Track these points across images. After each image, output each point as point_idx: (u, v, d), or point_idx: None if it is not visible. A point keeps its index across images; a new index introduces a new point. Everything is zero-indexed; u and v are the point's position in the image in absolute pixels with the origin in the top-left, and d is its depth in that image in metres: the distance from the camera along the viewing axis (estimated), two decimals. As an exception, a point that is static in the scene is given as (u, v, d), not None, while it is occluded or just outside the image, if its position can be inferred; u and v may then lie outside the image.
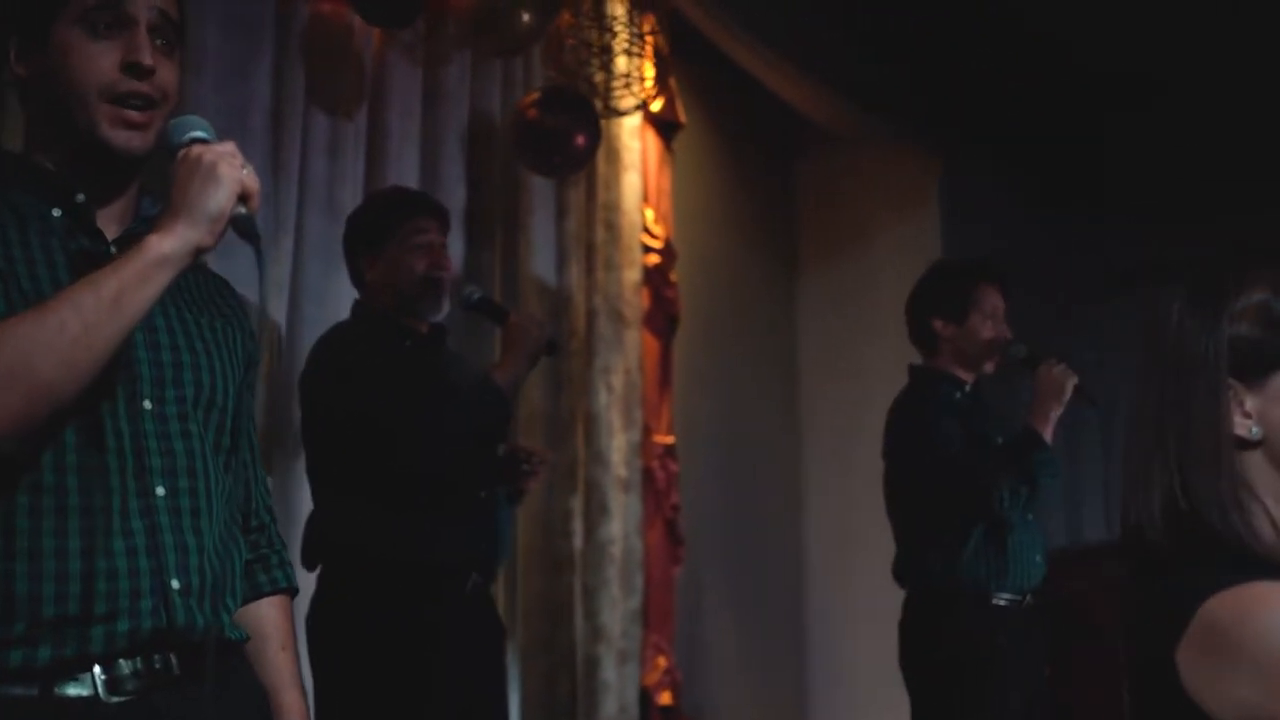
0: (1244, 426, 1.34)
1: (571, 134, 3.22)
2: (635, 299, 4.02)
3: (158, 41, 1.51)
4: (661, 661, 4.00)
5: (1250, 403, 1.35)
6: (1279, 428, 1.34)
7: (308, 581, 2.49)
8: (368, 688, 2.56)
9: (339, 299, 3.24)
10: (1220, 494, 1.33)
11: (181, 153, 1.43)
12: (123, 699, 1.40)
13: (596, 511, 3.84)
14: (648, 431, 4.06)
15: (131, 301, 1.37)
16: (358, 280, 2.83)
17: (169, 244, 1.38)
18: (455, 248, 3.41)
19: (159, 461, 1.47)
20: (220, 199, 1.40)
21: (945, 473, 3.18)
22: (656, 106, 4.12)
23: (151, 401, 1.49)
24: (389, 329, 2.74)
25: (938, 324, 3.40)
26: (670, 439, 4.16)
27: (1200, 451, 1.34)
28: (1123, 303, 6.18)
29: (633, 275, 4.02)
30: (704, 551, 4.46)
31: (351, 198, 3.27)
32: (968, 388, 3.41)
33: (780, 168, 5.32)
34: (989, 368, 3.45)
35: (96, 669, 1.40)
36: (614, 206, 3.99)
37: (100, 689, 1.40)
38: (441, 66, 3.54)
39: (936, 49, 4.96)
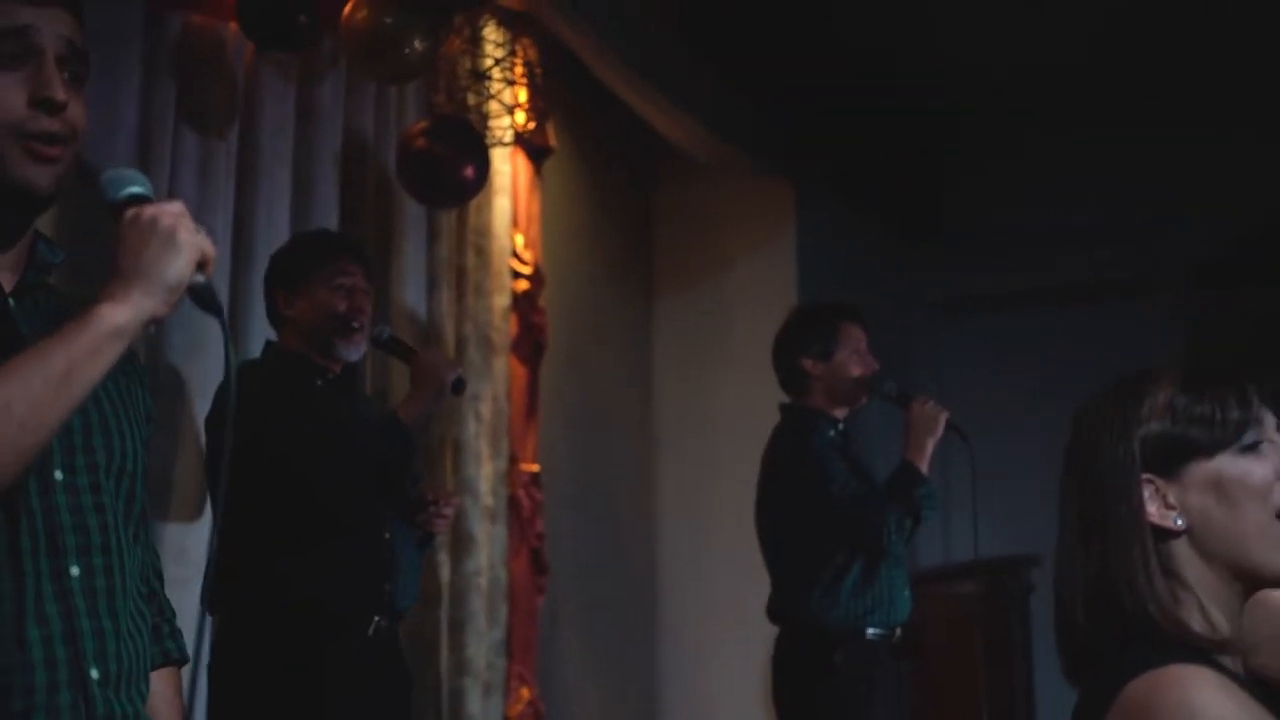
0: (1167, 518, 1.37)
1: (460, 165, 3.12)
2: (504, 325, 3.92)
3: (65, 74, 1.38)
4: (525, 693, 3.90)
5: (1172, 495, 1.38)
6: (1199, 515, 1.36)
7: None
8: None
9: (205, 326, 3.07)
10: (1140, 587, 1.34)
11: (130, 213, 1.29)
12: None
13: (464, 542, 3.72)
14: (514, 460, 3.95)
15: (81, 378, 1.23)
16: (274, 318, 2.74)
17: (123, 314, 1.25)
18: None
19: (73, 539, 1.34)
20: (180, 266, 1.27)
21: (836, 509, 3.21)
22: (527, 131, 4.04)
23: (63, 472, 1.35)
24: (300, 368, 2.67)
25: (807, 363, 3.45)
26: (535, 467, 4.07)
27: (1122, 548, 1.36)
28: (960, 331, 6.36)
29: (502, 301, 3.91)
30: (562, 580, 4.38)
31: (223, 221, 3.09)
32: (841, 425, 3.46)
33: (641, 195, 5.27)
34: (861, 402, 3.50)
35: None
36: (485, 231, 3.87)
37: None
38: (315, 85, 3.38)
39: (792, 83, 5.00)
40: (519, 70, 3.89)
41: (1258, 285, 5.84)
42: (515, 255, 4.00)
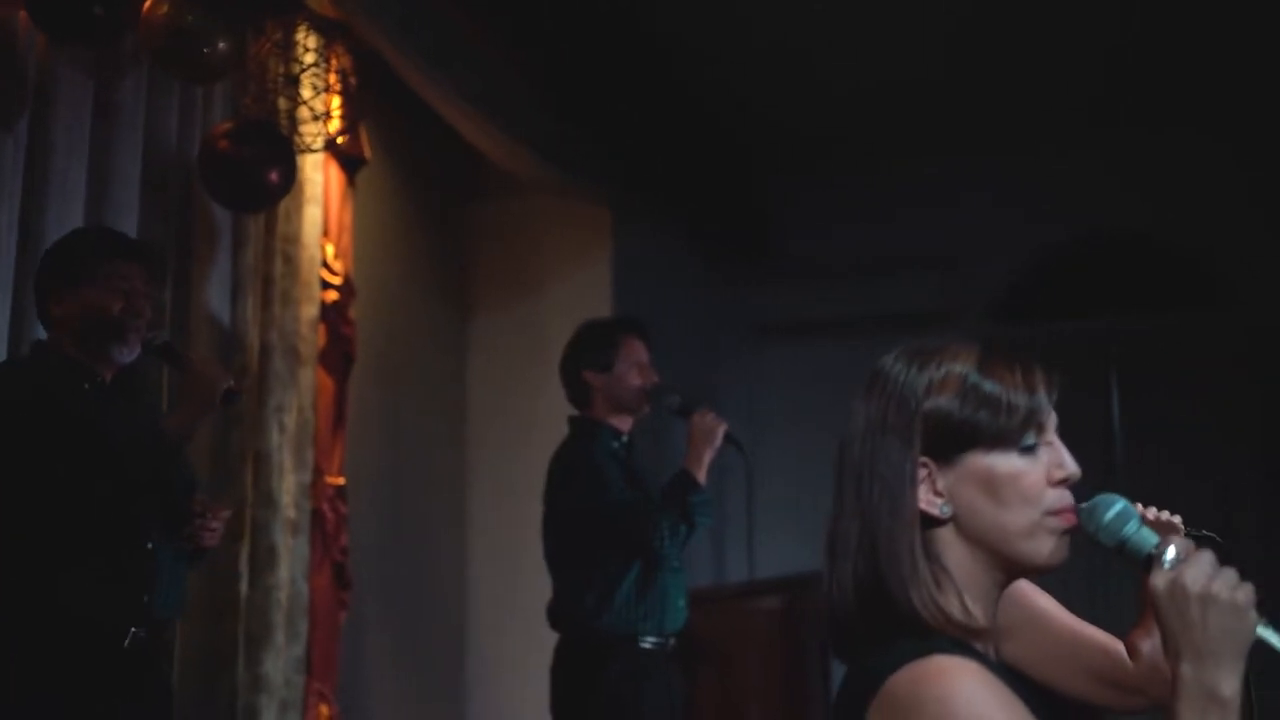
0: (934, 505, 1.33)
1: (265, 169, 2.98)
2: (312, 336, 3.77)
3: None
4: (324, 710, 3.75)
5: (942, 481, 1.33)
6: (967, 508, 1.33)
7: None
8: None
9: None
10: (904, 570, 1.30)
11: None
12: None
13: (264, 556, 3.56)
14: (319, 472, 3.81)
15: None
16: (44, 316, 2.58)
17: None
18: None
19: None
20: None
21: (610, 516, 3.25)
22: (341, 140, 3.91)
23: None
24: (68, 371, 2.51)
25: (588, 375, 3.53)
26: (341, 480, 3.93)
27: (889, 528, 1.31)
28: (774, 354, 6.42)
29: (310, 311, 3.77)
30: (369, 595, 4.24)
31: (7, 219, 2.89)
32: (625, 437, 3.53)
33: (458, 211, 5.18)
34: (645, 410, 3.57)
35: None
36: (294, 239, 3.73)
37: None
38: (116, 81, 3.19)
39: (613, 105, 4.99)
40: (332, 78, 3.77)
41: (1050, 319, 6.06)
42: (325, 265, 3.87)
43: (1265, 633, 1.21)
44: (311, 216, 3.80)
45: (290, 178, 3.12)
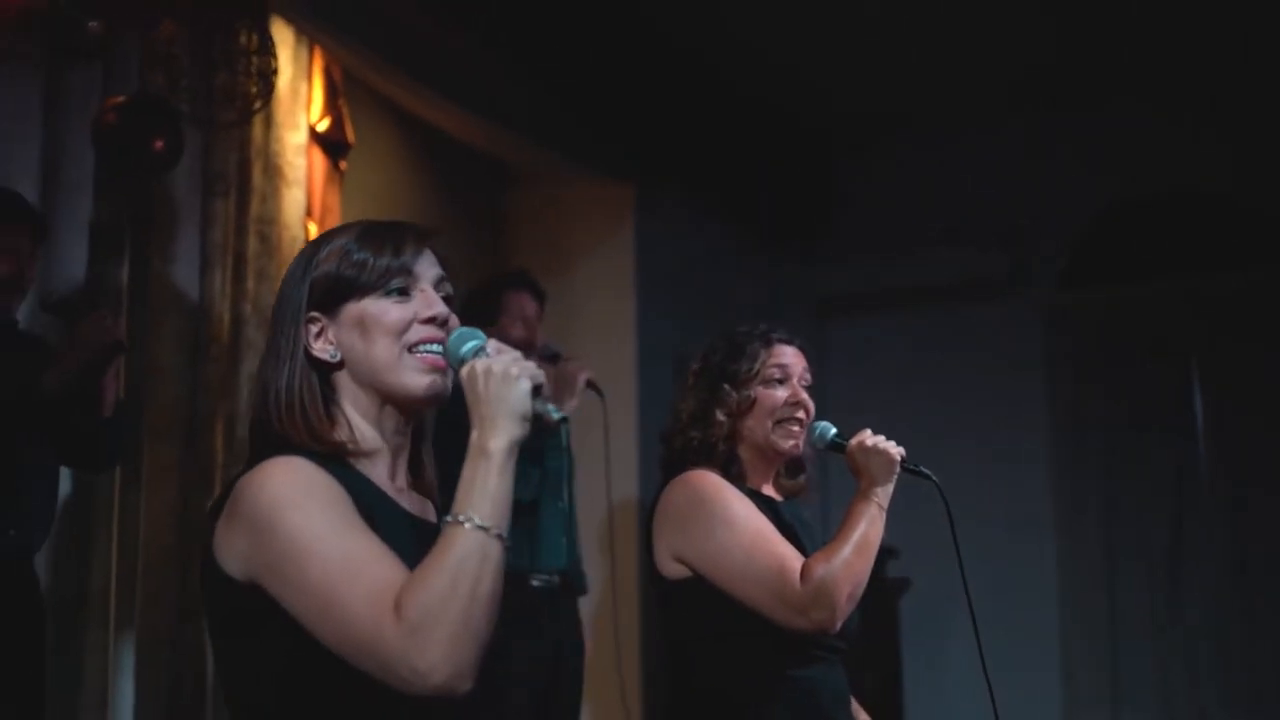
0: (325, 351, 1.51)
1: (149, 139, 3.07)
2: (294, 310, 3.83)
3: None
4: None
5: (332, 331, 1.52)
6: (349, 349, 1.51)
7: None
8: None
9: None
10: (283, 401, 1.48)
11: None
12: None
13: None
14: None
15: None
16: None
17: None
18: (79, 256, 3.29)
19: None
20: None
21: None
22: (323, 126, 4.00)
23: None
24: None
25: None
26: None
27: (276, 369, 1.51)
28: (838, 329, 6.16)
29: (291, 287, 3.83)
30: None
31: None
32: None
33: (492, 197, 5.19)
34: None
35: None
36: (270, 220, 3.82)
37: None
38: (66, 64, 3.32)
39: (635, 91, 4.92)
40: (316, 67, 3.86)
41: (1115, 285, 5.63)
42: (309, 245, 3.93)
43: (537, 402, 1.38)
44: (293, 198, 3.88)
45: (177, 145, 3.18)
